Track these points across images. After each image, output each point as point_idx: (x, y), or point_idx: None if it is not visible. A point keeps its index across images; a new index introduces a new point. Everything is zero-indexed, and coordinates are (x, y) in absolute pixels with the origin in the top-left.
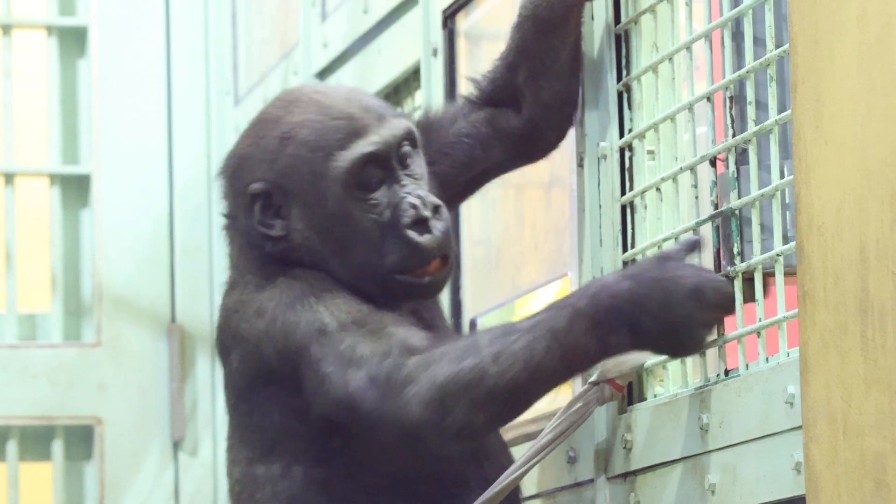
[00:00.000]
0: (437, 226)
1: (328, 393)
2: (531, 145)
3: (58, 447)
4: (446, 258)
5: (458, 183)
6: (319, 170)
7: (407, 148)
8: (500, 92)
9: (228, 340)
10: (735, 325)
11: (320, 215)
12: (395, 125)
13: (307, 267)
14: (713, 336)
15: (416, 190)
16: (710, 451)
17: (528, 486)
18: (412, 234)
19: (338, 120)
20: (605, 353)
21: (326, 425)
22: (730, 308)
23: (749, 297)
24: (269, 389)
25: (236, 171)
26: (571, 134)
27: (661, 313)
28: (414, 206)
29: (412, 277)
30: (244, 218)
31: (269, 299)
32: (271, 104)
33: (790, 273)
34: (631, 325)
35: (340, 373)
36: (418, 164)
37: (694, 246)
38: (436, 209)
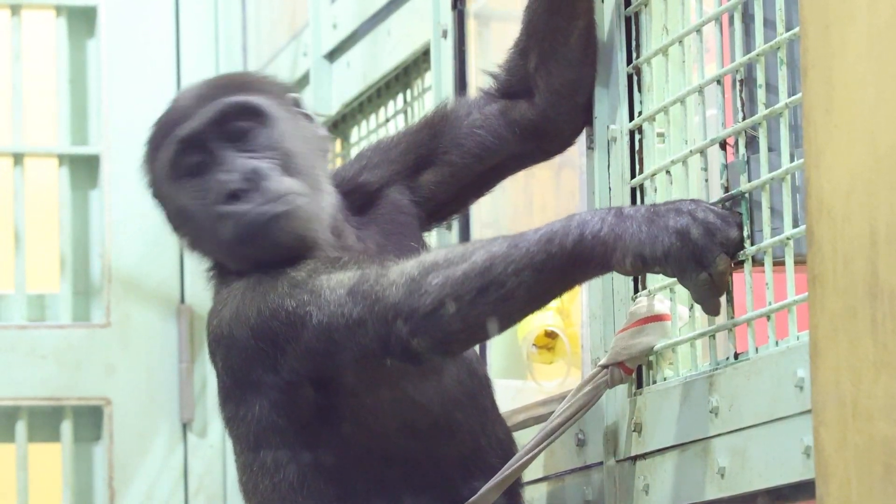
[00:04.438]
0: (256, 195)
1: (309, 328)
2: (545, 138)
3: (66, 428)
4: None
5: (470, 174)
6: (156, 172)
7: (239, 123)
8: (515, 82)
9: (212, 344)
10: (745, 308)
11: (173, 218)
12: (211, 106)
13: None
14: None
15: (234, 162)
16: (719, 435)
17: (537, 469)
18: (224, 207)
19: (166, 115)
20: (576, 254)
21: (307, 417)
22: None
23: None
24: (250, 379)
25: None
26: None
27: (644, 226)
28: (221, 182)
29: None
30: None
31: (231, 290)
32: None
33: (800, 258)
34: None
35: (319, 302)
36: (264, 136)
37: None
38: (254, 174)
